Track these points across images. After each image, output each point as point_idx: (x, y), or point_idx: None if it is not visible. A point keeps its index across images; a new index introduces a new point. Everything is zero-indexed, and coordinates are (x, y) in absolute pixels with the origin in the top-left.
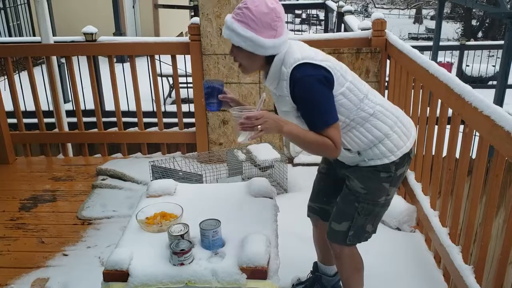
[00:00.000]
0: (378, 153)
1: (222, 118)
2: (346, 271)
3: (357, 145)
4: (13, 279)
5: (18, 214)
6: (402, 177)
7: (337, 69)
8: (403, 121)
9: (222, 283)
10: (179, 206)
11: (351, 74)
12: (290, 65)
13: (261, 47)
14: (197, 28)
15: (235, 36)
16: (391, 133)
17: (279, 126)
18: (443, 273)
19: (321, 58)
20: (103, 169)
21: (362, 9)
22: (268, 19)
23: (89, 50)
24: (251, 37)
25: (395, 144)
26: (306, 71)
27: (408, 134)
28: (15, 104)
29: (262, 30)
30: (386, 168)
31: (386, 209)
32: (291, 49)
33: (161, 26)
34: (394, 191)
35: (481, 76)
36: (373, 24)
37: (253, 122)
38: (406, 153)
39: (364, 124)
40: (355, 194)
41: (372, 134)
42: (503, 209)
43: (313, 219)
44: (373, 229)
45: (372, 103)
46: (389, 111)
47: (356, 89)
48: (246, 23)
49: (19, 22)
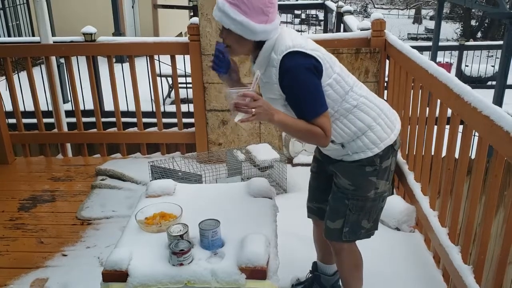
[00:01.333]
0: (361, 145)
1: (222, 118)
2: (345, 268)
3: (340, 137)
4: (12, 280)
5: (17, 214)
6: (389, 169)
7: (327, 60)
8: (387, 114)
9: (221, 283)
10: (179, 206)
11: (339, 66)
12: (280, 52)
13: (251, 32)
14: (197, 28)
15: (226, 18)
16: (374, 125)
17: (270, 115)
18: (442, 273)
19: (311, 47)
20: (102, 169)
21: (362, 9)
22: (261, 4)
23: (88, 50)
24: (241, 21)
25: (378, 136)
26: (297, 60)
27: (392, 126)
28: (14, 104)
29: (254, 15)
30: (370, 161)
31: (381, 204)
32: (282, 35)
33: (161, 26)
34: (384, 184)
35: (480, 76)
36: (373, 24)
37: (247, 104)
38: (390, 145)
39: (348, 116)
40: (344, 192)
41: (355, 126)
42: (502, 209)
43: (313, 219)
44: (372, 224)
45: (356, 95)
46: (373, 103)
47: (343, 81)
48: (238, 6)
49: (18, 22)
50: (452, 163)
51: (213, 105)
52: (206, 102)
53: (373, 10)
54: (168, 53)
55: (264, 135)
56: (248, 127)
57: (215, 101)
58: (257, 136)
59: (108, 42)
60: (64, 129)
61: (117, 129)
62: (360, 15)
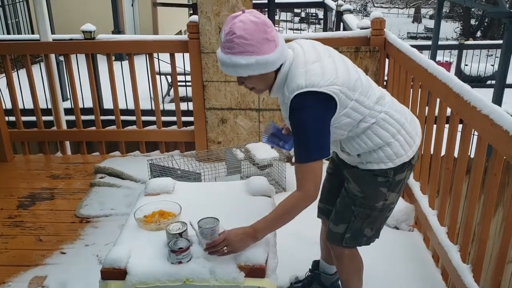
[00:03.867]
0: (376, 157)
1: (221, 116)
2: (345, 272)
3: (356, 150)
4: (11, 277)
5: (16, 212)
6: (402, 183)
7: (342, 92)
8: (407, 129)
9: (220, 281)
10: (178, 204)
11: (360, 88)
12: (292, 90)
13: (270, 63)
14: (196, 26)
15: (241, 69)
16: (392, 141)
17: (248, 239)
18: (441, 272)
19: (326, 83)
20: (101, 167)
21: (361, 8)
22: (262, 33)
23: (87, 48)
24: (256, 61)
25: (394, 152)
26: (306, 101)
27: (411, 142)
28: (14, 102)
29: (262, 48)
30: (383, 173)
31: (387, 214)
32: (295, 67)
33: (160, 24)
34: (393, 196)
35: (480, 76)
36: (372, 23)
37: (217, 249)
38: (406, 161)
39: (366, 131)
40: (352, 198)
41: (372, 141)
42: (501, 208)
43: (323, 219)
44: (374, 233)
45: (376, 112)
46: (394, 119)
47: (360, 106)
48: (244, 51)
49: (18, 19)
50: (451, 162)
51: (212, 103)
52: (206, 101)
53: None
54: (168, 51)
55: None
56: (247, 125)
57: (214, 99)
58: (256, 134)
59: (107, 40)
60: (63, 127)
61: (116, 127)
62: (360, 14)
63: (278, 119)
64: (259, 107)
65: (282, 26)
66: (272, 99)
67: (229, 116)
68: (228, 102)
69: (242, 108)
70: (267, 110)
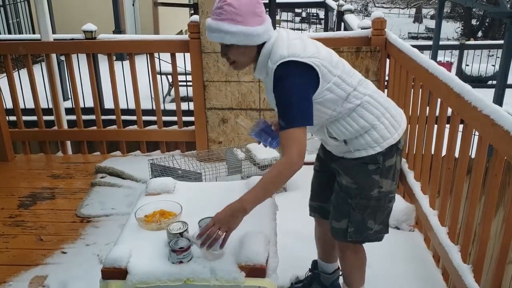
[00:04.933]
0: (363, 143)
1: (222, 116)
2: (348, 267)
3: (343, 134)
4: (12, 277)
5: (17, 211)
6: (393, 168)
7: (324, 65)
8: (392, 112)
9: (220, 281)
10: (178, 204)
11: (342, 67)
12: (275, 61)
13: (254, 36)
14: (197, 26)
15: (226, 35)
16: (378, 124)
17: (238, 213)
18: (442, 272)
19: (308, 54)
20: (102, 167)
21: (362, 8)
22: (251, 7)
23: (88, 48)
24: (242, 31)
25: (381, 135)
26: (289, 70)
27: (396, 126)
28: (15, 102)
29: (249, 20)
30: (373, 159)
31: (389, 205)
32: (278, 42)
33: (161, 24)
34: (388, 184)
35: (481, 76)
36: (373, 23)
37: (209, 234)
38: (393, 144)
39: (351, 114)
40: (347, 191)
41: (358, 124)
42: (502, 209)
43: (315, 217)
44: (380, 227)
45: (360, 94)
46: (378, 102)
47: (344, 83)
48: (231, 18)
49: (19, 19)
50: (452, 162)
51: (213, 103)
52: (206, 100)
53: (374, 9)
54: (168, 51)
55: None
56: (248, 125)
57: (215, 99)
58: None
59: (108, 40)
60: (64, 126)
61: (117, 127)
62: (361, 14)
63: None
64: (260, 107)
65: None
66: None
67: (230, 116)
68: (229, 102)
69: (243, 108)
70: (268, 110)
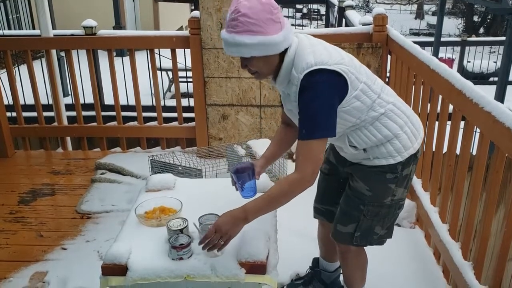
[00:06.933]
0: (384, 152)
1: (222, 113)
2: (349, 268)
3: (364, 143)
4: (12, 273)
5: (17, 207)
6: (408, 177)
7: (351, 72)
8: (413, 121)
9: (221, 278)
10: (178, 200)
11: (365, 73)
12: (301, 70)
13: (274, 45)
14: (197, 22)
15: (244, 48)
16: (401, 133)
17: (240, 221)
18: (442, 269)
19: (335, 61)
20: (102, 163)
21: (363, 4)
22: (267, 14)
23: (88, 44)
24: (261, 41)
25: (403, 145)
26: (317, 78)
27: (416, 134)
28: (15, 98)
29: (268, 28)
30: (392, 168)
31: (397, 211)
32: (302, 48)
33: (161, 19)
34: (401, 191)
35: (482, 72)
36: (374, 19)
37: (211, 241)
38: (413, 154)
39: (374, 123)
40: (360, 197)
41: (381, 133)
42: (503, 206)
43: (320, 219)
44: (385, 231)
45: (384, 102)
46: (401, 110)
47: (369, 90)
48: (249, 30)
49: (19, 15)
50: (453, 159)
51: (213, 99)
52: (207, 97)
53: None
54: (169, 47)
55: (265, 130)
56: (249, 122)
57: (215, 95)
58: (257, 131)
59: (108, 36)
60: (64, 122)
61: (117, 123)
62: (362, 10)
63: (279, 116)
64: (260, 103)
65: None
66: (274, 95)
67: (230, 112)
68: (229, 98)
69: (244, 104)
70: (269, 106)
